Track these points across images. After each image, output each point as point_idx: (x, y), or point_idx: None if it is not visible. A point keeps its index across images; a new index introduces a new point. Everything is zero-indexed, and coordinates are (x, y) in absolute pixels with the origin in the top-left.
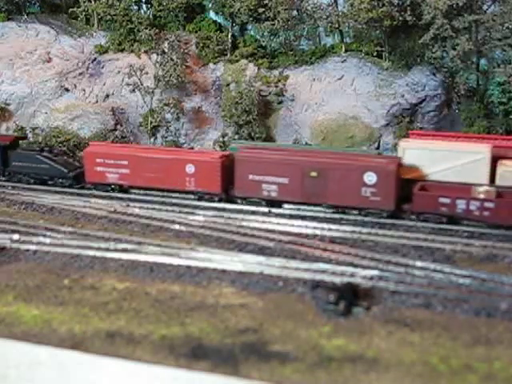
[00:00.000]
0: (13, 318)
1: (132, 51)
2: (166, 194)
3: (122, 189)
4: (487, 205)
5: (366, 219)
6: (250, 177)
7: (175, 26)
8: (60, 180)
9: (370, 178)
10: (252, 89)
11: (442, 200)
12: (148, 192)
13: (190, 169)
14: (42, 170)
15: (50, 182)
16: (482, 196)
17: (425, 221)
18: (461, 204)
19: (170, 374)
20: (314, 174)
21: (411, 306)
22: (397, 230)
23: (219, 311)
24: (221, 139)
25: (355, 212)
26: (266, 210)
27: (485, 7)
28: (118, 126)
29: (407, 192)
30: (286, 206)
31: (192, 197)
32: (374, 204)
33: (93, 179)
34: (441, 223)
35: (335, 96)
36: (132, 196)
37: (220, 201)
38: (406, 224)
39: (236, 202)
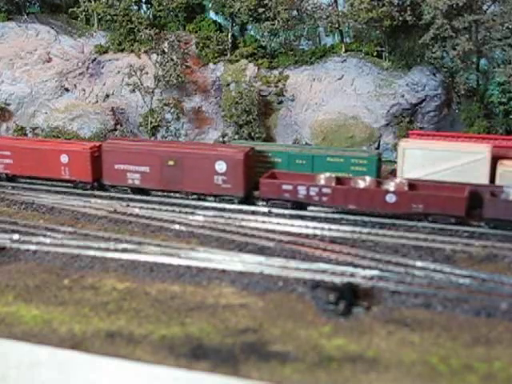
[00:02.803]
0: (13, 318)
1: (132, 51)
2: (165, 194)
3: (9, 178)
4: (325, 190)
5: (366, 219)
6: (116, 166)
7: (175, 25)
8: None
9: (221, 166)
10: (252, 89)
11: (285, 187)
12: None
13: (64, 159)
14: None
15: None
16: (321, 182)
17: (273, 206)
18: (302, 190)
19: (170, 374)
20: (171, 162)
21: (411, 305)
22: (397, 230)
23: (219, 311)
24: (221, 139)
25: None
26: (265, 210)
27: (485, 7)
28: (118, 126)
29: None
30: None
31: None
32: (225, 191)
33: None
34: (286, 208)
35: (335, 96)
36: (132, 196)
37: (92, 189)
38: (406, 224)
39: (108, 190)
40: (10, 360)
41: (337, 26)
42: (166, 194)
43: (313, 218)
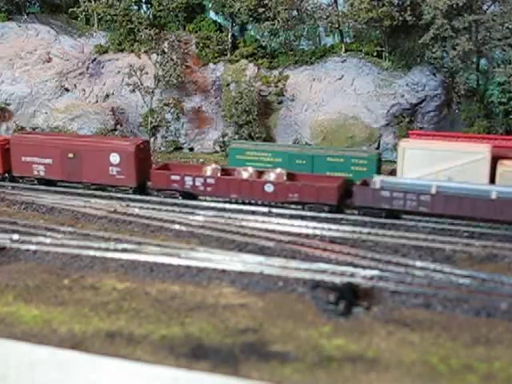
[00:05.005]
0: (13, 318)
1: (132, 51)
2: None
3: None
4: (209, 181)
5: (366, 219)
6: (23, 158)
7: (175, 26)
8: None
9: (115, 158)
10: (252, 89)
11: (173, 177)
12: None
13: None
14: None
15: None
16: (207, 173)
17: (164, 196)
18: (188, 181)
19: (170, 374)
20: (70, 155)
21: (411, 305)
22: (397, 230)
23: (219, 311)
24: (221, 139)
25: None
26: (265, 210)
27: (485, 7)
28: (118, 126)
29: None
30: None
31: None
32: (119, 181)
33: None
34: (175, 198)
35: (335, 96)
36: (132, 196)
37: (3, 180)
38: (406, 224)
39: (18, 181)
40: (10, 360)
41: (337, 26)
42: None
43: (313, 218)
